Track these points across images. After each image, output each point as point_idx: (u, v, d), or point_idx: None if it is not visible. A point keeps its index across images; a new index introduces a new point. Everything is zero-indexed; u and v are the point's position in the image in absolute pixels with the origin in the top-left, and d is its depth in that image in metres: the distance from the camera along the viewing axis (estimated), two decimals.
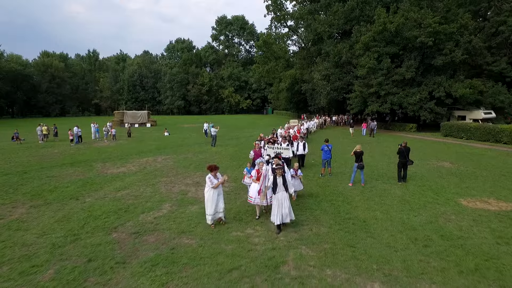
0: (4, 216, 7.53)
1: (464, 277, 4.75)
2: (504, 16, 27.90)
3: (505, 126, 19.74)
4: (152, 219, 7.27)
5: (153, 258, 5.39)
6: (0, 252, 5.67)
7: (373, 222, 6.96)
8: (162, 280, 4.70)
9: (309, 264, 5.16)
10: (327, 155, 11.30)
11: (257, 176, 7.10)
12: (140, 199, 8.78)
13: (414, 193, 9.27)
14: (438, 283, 4.59)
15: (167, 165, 13.74)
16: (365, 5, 32.17)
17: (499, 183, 10.30)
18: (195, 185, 10.34)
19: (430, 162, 14.07)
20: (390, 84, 27.60)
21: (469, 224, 6.81)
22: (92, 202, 8.59)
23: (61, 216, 7.52)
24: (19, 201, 8.74)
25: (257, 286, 4.53)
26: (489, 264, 5.12)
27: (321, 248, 5.73)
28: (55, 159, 15.56)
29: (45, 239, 6.23)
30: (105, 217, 7.40)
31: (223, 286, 4.53)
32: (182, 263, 5.21)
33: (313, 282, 4.64)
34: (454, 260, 5.25)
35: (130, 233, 6.48)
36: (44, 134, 22.85)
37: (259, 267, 5.06)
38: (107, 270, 5.02)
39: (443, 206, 8.07)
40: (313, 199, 8.71)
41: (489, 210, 7.76)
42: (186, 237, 6.27)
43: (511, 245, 5.78)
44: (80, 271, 4.99)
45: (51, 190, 9.73)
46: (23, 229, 6.76)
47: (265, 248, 5.74)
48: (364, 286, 4.53)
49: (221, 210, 6.70)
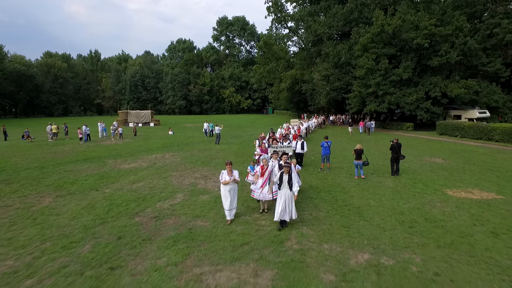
0: (35, 204, 8.38)
1: (441, 249, 5.58)
2: (498, 18, 28.72)
3: (496, 125, 20.56)
4: (169, 206, 8.11)
5: (174, 236, 6.23)
6: (40, 232, 6.51)
7: (366, 208, 7.80)
8: (184, 252, 5.54)
9: (309, 240, 6.01)
10: (326, 151, 12.14)
11: (261, 172, 7.57)
12: (155, 190, 9.62)
13: (406, 184, 10.10)
14: (418, 253, 5.42)
15: (175, 161, 14.58)
16: (363, 7, 32.98)
17: (484, 177, 11.13)
18: (203, 178, 11.18)
19: (423, 158, 14.91)
20: (388, 84, 28.43)
21: (451, 210, 7.65)
22: (111, 192, 9.43)
23: (86, 204, 8.36)
24: (44, 191, 9.59)
25: (265, 256, 5.37)
26: (463, 240, 5.95)
27: (320, 229, 6.57)
28: (68, 156, 16.40)
29: (76, 222, 7.08)
30: (126, 204, 8.24)
31: (236, 256, 5.37)
32: (200, 240, 6.05)
33: (313, 253, 5.48)
34: (434, 237, 6.09)
35: (150, 217, 7.32)
36: (54, 132, 23.67)
37: (266, 243, 5.90)
38: (136, 245, 5.86)
39: (430, 195, 8.91)
40: (313, 190, 9.54)
41: (472, 198, 8.59)
42: (200, 220, 7.11)
43: (485, 226, 6.62)
44: (113, 246, 5.84)
45: (71, 183, 10.58)
46: (54, 214, 7.61)
47: (271, 228, 6.58)
48: (356, 256, 5.37)
49: (234, 207, 7.00)
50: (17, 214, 7.63)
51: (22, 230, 6.62)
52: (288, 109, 59.76)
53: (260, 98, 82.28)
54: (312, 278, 4.66)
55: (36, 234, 6.39)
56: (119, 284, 4.57)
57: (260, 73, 50.99)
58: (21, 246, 5.85)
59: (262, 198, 7.46)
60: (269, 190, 7.27)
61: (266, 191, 7.37)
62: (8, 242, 6.07)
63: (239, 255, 5.40)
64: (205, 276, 4.78)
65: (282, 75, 46.14)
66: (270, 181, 7.33)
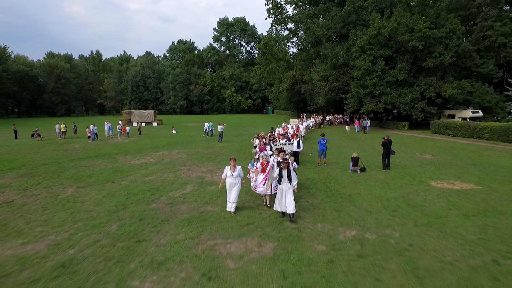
0: (60, 194, 9.33)
1: (418, 228, 6.54)
2: (491, 21, 29.65)
3: (486, 124, 21.54)
4: (180, 195, 9.07)
5: (188, 218, 7.19)
6: (71, 215, 7.47)
7: (356, 196, 8.77)
8: (198, 230, 6.49)
9: (305, 221, 6.97)
10: (323, 147, 13.11)
11: (261, 168, 8.11)
12: (166, 182, 10.58)
13: (394, 177, 11.07)
14: (398, 230, 6.38)
15: (181, 157, 15.54)
16: (361, 10, 33.98)
17: (468, 170, 12.09)
18: (209, 172, 12.13)
19: (415, 155, 15.87)
20: (384, 85, 29.43)
21: (432, 198, 8.61)
22: (127, 184, 10.39)
23: (105, 193, 9.31)
24: (66, 183, 10.54)
25: (267, 233, 6.33)
26: (438, 220, 6.91)
27: (314, 212, 7.53)
28: (80, 153, 17.35)
29: (100, 207, 8.03)
30: (142, 194, 9.20)
31: (243, 232, 6.33)
32: (211, 221, 7.01)
33: (308, 230, 6.44)
34: (413, 218, 7.05)
35: (165, 203, 8.28)
36: (62, 131, 24.63)
37: (268, 223, 6.86)
38: (156, 224, 6.82)
39: (415, 186, 9.87)
40: (309, 181, 10.51)
41: (452, 188, 9.55)
42: (210, 206, 8.07)
43: (459, 210, 7.58)
44: (137, 225, 6.79)
45: (89, 176, 11.53)
46: (79, 201, 8.56)
47: (272, 212, 7.53)
48: (344, 232, 6.33)
49: (234, 201, 7.39)
50: (46, 201, 8.58)
51: (54, 214, 7.57)
52: (288, 109, 60.76)
53: (260, 98, 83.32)
54: (306, 248, 5.63)
55: (67, 217, 7.35)
56: (147, 252, 5.53)
57: (260, 74, 51.99)
58: (58, 226, 6.81)
59: (263, 193, 7.96)
60: (268, 185, 7.65)
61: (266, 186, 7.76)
62: (45, 223, 7.02)
63: (245, 232, 6.37)
64: (218, 246, 5.74)
65: (282, 76, 47.13)
66: (270, 177, 7.87)
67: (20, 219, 7.22)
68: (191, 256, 5.38)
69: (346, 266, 4.99)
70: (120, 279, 4.69)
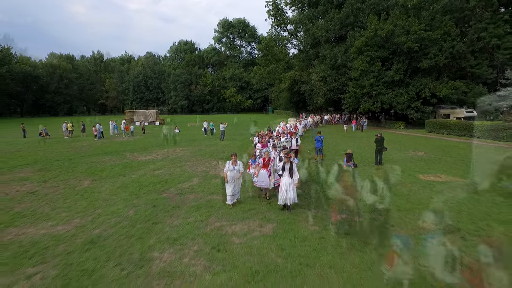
0: (77, 185, 10.17)
1: (400, 212, 7.38)
2: (485, 23, 30.51)
3: (478, 123, 22.38)
4: (188, 186, 9.91)
5: (196, 205, 8.03)
6: (90, 203, 8.31)
7: (348, 187, 9.60)
8: (206, 214, 7.33)
9: (301, 206, 7.80)
10: (319, 144, 13.94)
11: (263, 163, 8.67)
12: (174, 176, 11.41)
13: (385, 171, 11.90)
14: (383, 215, 7.22)
15: (186, 154, 16.37)
16: (359, 12, 34.85)
17: (455, 165, 12.93)
18: (213, 167, 12.97)
19: (407, 152, 16.70)
20: (381, 85, 30.27)
21: (417, 188, 9.45)
22: (137, 177, 11.22)
23: (119, 185, 10.15)
24: (81, 177, 11.38)
25: (267, 216, 7.17)
26: (419, 206, 7.75)
27: (310, 201, 8.36)
28: (88, 150, 18.19)
29: (116, 197, 8.87)
30: (153, 185, 10.03)
31: (246, 216, 7.18)
32: (217, 207, 7.85)
33: (303, 215, 7.28)
34: (397, 205, 7.89)
35: (175, 193, 9.12)
36: (69, 130, 25.47)
37: (268, 208, 7.71)
38: (169, 209, 7.66)
39: (404, 178, 10.71)
40: (307, 174, 11.33)
41: (437, 181, 10.39)
42: (215, 195, 8.91)
43: (440, 198, 8.41)
44: (151, 211, 7.63)
45: (101, 170, 12.37)
46: (96, 192, 9.40)
47: (271, 200, 8.37)
48: (335, 216, 7.17)
49: (236, 193, 8.03)
50: (66, 192, 9.43)
51: (75, 202, 8.41)
52: (288, 109, 61.58)
53: (260, 98, 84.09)
54: (301, 228, 6.47)
55: (88, 204, 8.19)
56: (163, 231, 6.37)
57: (261, 74, 52.85)
58: (80, 211, 7.65)
59: (265, 186, 8.49)
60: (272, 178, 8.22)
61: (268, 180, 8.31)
62: (68, 209, 7.86)
63: (247, 216, 7.21)
64: (224, 227, 6.57)
65: (282, 76, 47.98)
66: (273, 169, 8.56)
67: (46, 206, 8.06)
68: (201, 234, 6.22)
69: (335, 241, 5.83)
70: (142, 251, 5.53)
